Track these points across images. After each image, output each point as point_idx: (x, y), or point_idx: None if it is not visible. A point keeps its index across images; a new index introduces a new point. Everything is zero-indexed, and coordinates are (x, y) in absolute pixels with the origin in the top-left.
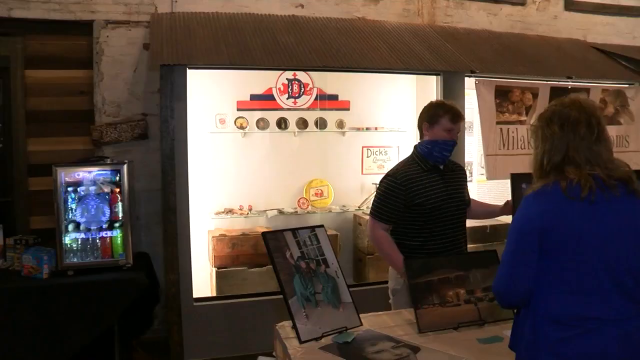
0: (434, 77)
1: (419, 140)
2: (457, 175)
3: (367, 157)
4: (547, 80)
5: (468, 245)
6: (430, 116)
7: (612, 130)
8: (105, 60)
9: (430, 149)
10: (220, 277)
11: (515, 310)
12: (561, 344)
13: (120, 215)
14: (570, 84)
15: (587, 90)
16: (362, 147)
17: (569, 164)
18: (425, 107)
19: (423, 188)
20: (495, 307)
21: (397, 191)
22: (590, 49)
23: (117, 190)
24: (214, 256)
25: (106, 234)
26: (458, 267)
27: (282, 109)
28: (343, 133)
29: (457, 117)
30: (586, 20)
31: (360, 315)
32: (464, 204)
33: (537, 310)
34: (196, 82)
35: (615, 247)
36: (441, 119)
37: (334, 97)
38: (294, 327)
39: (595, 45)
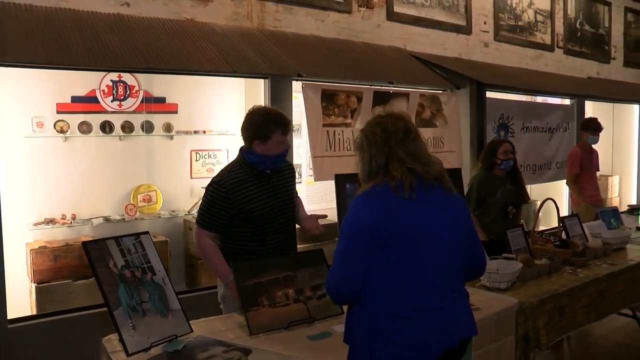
0: (262, 81)
1: (245, 145)
2: (286, 174)
3: (196, 160)
4: (370, 85)
5: (299, 245)
6: (262, 133)
7: (428, 132)
8: None
9: (261, 161)
10: (41, 293)
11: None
12: (396, 334)
13: None
14: (392, 88)
15: (406, 95)
16: (191, 151)
17: (393, 161)
18: (251, 118)
19: (251, 195)
20: (324, 304)
21: (223, 199)
22: (410, 57)
23: None
24: (34, 270)
25: None
26: (286, 268)
27: (106, 112)
28: (171, 137)
29: (287, 129)
30: (406, 31)
31: (191, 322)
32: (293, 204)
33: (371, 304)
34: (7, 80)
35: (437, 240)
36: (273, 134)
37: (161, 100)
38: (121, 339)
39: (414, 54)
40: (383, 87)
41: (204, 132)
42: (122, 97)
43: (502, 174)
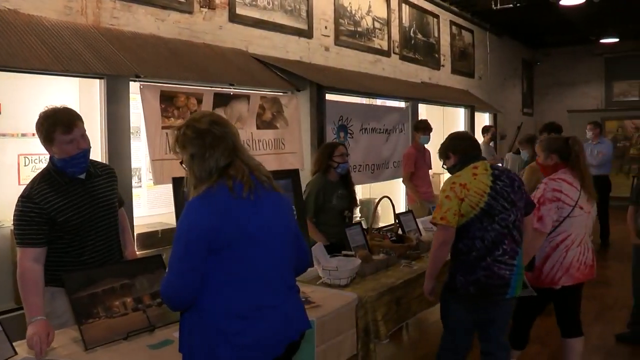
0: (97, 81)
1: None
2: (105, 179)
3: (25, 165)
4: (211, 87)
5: (140, 252)
6: (46, 135)
7: (269, 134)
8: None
9: (65, 165)
10: None
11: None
12: (238, 336)
13: None
14: (232, 90)
15: (247, 97)
16: (19, 155)
17: (235, 163)
18: (37, 122)
19: (65, 204)
20: (165, 312)
21: (37, 213)
22: (252, 59)
23: None
24: None
25: None
26: (123, 275)
27: None
28: None
29: (68, 126)
30: (248, 33)
31: (17, 343)
32: (114, 210)
33: (212, 306)
34: None
35: (272, 239)
36: (55, 135)
37: None
38: None
39: (256, 56)
40: (224, 89)
41: (33, 134)
42: None
43: (336, 179)
